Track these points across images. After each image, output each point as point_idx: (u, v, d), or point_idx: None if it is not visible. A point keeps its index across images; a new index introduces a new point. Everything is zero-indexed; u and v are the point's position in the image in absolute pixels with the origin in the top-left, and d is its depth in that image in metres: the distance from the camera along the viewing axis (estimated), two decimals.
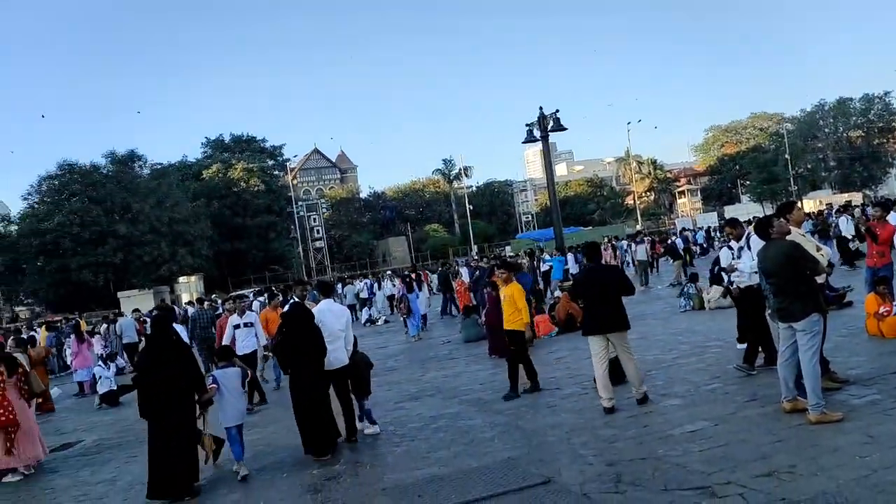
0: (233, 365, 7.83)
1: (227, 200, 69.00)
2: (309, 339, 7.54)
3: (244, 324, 11.73)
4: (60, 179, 59.42)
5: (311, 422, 7.45)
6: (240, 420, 7.40)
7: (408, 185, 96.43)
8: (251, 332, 11.72)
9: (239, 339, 11.52)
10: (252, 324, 11.81)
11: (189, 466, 6.79)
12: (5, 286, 66.83)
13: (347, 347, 8.11)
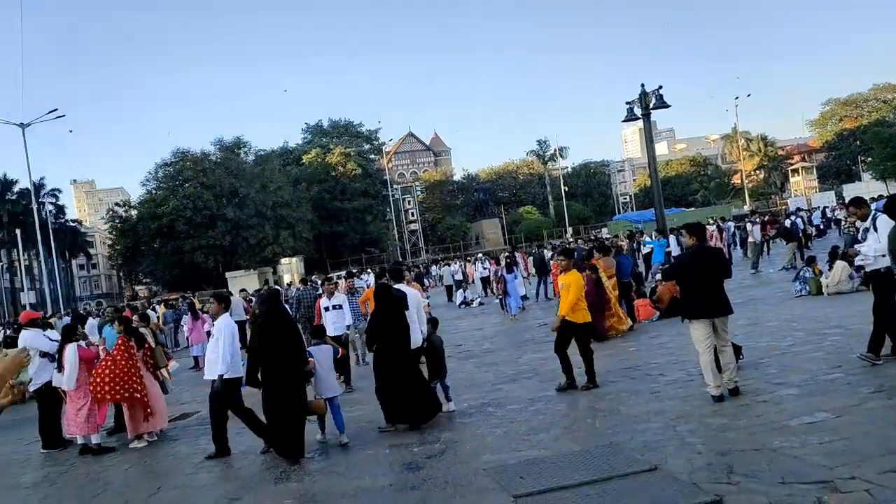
0: (324, 342, 8.37)
1: (325, 184, 70.95)
2: (394, 318, 7.96)
3: (333, 306, 11.73)
4: (175, 166, 62.77)
5: (400, 396, 7.84)
6: (335, 392, 7.93)
7: (501, 167, 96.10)
8: (340, 313, 11.77)
9: (328, 321, 11.59)
10: (341, 305, 11.81)
11: (300, 431, 7.35)
12: (127, 266, 71.49)
13: (421, 328, 8.50)
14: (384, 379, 7.95)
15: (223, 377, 7.63)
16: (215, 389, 7.76)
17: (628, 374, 9.36)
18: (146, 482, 7.31)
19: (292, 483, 6.60)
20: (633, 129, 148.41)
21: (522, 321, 17.91)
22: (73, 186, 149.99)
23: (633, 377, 9.06)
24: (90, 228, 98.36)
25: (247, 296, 24.21)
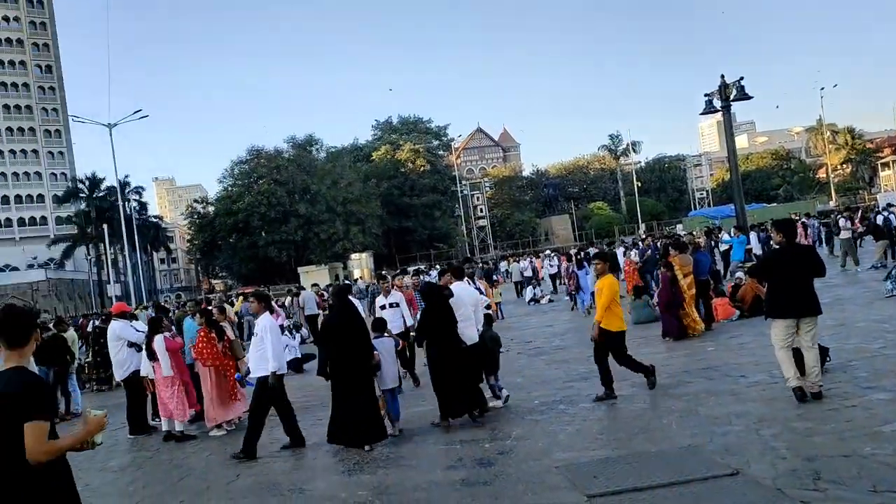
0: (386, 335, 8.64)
1: (395, 181, 71.67)
2: (443, 315, 8.15)
3: (389, 304, 11.29)
4: (250, 164, 64.58)
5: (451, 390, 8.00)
6: (395, 384, 8.24)
7: (571, 162, 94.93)
8: (397, 312, 11.34)
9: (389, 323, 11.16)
10: (398, 304, 11.38)
11: (367, 420, 7.51)
12: (204, 261, 74.01)
13: (478, 327, 8.65)
14: (436, 375, 8.14)
15: (276, 373, 7.81)
16: (270, 385, 7.87)
17: (706, 374, 9.09)
18: (226, 469, 7.54)
19: (365, 475, 6.69)
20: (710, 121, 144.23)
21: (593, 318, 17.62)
22: (154, 183, 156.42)
23: (712, 378, 8.80)
24: (170, 224, 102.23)
25: (318, 290, 24.74)
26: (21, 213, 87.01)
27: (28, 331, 3.41)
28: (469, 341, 8.33)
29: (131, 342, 10.40)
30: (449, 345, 8.07)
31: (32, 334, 3.45)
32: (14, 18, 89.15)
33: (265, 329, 7.96)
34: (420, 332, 8.53)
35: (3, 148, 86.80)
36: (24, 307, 3.60)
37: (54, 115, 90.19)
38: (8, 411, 3.10)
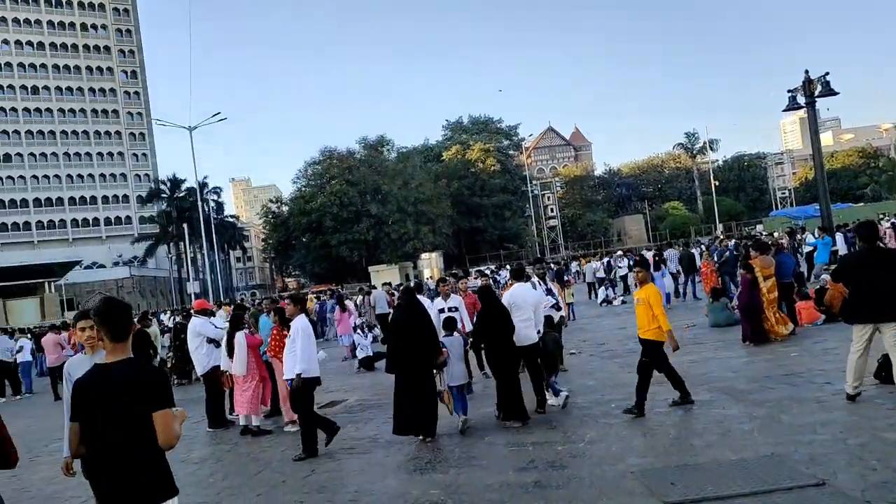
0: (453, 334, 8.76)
1: (465, 181, 71.81)
2: (498, 317, 8.33)
3: (448, 308, 10.79)
4: (322, 164, 65.89)
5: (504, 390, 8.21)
6: (462, 381, 8.43)
7: (645, 161, 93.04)
8: (456, 316, 10.71)
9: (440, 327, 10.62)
10: (456, 308, 10.91)
11: (430, 414, 7.87)
12: (279, 259, 75.93)
13: (538, 328, 8.80)
14: (495, 375, 8.40)
15: (300, 376, 7.88)
16: (293, 387, 8.00)
17: (789, 380, 8.74)
18: (301, 464, 7.69)
19: (437, 474, 6.71)
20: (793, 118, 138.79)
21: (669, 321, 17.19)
22: (231, 184, 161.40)
23: (795, 384, 8.45)
24: (246, 224, 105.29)
25: (389, 289, 25.02)
26: (107, 213, 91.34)
27: (130, 323, 3.51)
28: (527, 342, 8.50)
29: (210, 338, 10.72)
30: (504, 346, 8.25)
31: (132, 327, 3.55)
32: (102, 26, 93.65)
33: (297, 331, 8.08)
34: (476, 333, 8.71)
35: (91, 150, 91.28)
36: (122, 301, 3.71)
37: (139, 118, 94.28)
38: (140, 400, 3.21)
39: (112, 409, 3.21)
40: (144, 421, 3.21)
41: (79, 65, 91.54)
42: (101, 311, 3.43)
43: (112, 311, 3.43)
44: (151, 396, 3.24)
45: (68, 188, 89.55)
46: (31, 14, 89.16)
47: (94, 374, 3.37)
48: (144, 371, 3.36)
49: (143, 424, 3.21)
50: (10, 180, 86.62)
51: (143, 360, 3.45)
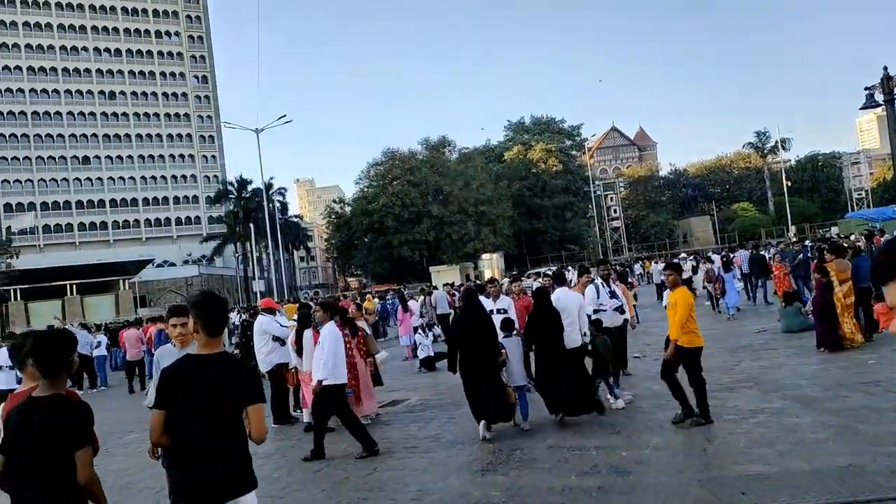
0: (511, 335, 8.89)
1: (526, 181, 71.43)
2: (549, 319, 8.48)
3: (497, 310, 10.67)
4: (385, 165, 66.54)
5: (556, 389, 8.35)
6: (522, 381, 8.56)
7: (713, 161, 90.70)
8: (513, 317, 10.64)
9: None
10: (506, 310, 10.80)
11: (501, 402, 8.08)
12: (341, 259, 77.05)
13: (583, 330, 8.95)
14: (540, 374, 8.53)
15: (322, 382, 7.92)
16: (318, 394, 8.03)
17: (866, 389, 8.37)
18: (363, 461, 7.78)
19: (499, 475, 6.68)
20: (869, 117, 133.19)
21: (738, 325, 16.74)
22: (295, 185, 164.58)
23: (873, 393, 8.09)
24: (309, 224, 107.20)
25: (450, 290, 25.10)
26: (178, 213, 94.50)
27: (226, 319, 3.56)
28: (573, 345, 8.65)
29: (276, 336, 10.93)
30: (552, 347, 8.40)
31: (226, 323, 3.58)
32: (175, 33, 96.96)
33: (325, 338, 8.15)
34: (526, 334, 8.77)
35: (163, 153, 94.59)
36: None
37: (208, 121, 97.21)
38: (234, 394, 3.29)
39: (202, 400, 3.25)
40: (234, 414, 3.27)
41: (153, 70, 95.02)
42: (200, 304, 3.46)
43: (210, 304, 3.47)
44: (246, 391, 3.30)
45: (142, 189, 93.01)
46: (108, 22, 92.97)
47: (185, 363, 3.41)
48: (239, 365, 3.43)
49: (233, 417, 3.27)
50: (88, 182, 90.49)
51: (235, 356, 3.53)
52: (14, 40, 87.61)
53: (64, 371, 3.37)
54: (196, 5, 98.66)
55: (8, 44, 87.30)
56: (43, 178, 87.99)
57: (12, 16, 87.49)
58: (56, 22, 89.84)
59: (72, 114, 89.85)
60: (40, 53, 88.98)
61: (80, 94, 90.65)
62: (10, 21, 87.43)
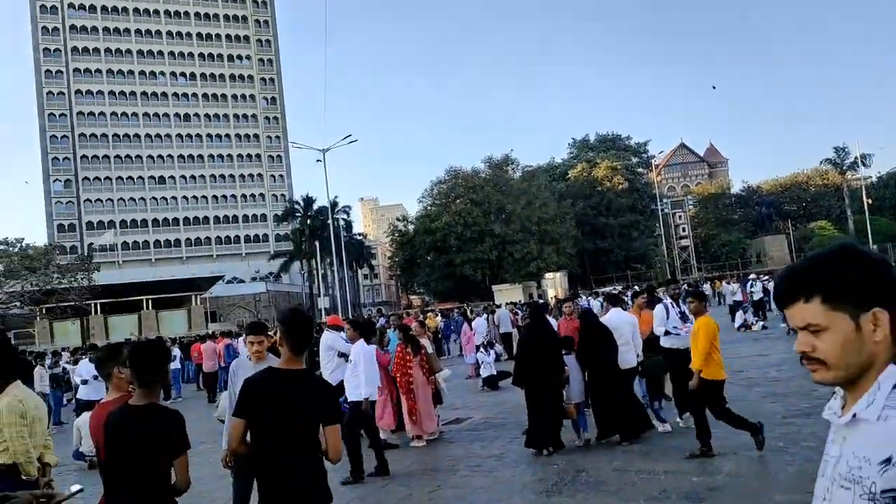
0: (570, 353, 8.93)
1: (591, 200, 70.58)
2: (602, 340, 8.62)
3: None
4: (448, 184, 66.87)
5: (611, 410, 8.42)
6: (581, 398, 8.70)
7: (788, 178, 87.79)
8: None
9: None
10: None
11: (555, 426, 8.22)
12: (404, 277, 77.60)
13: (637, 352, 9.00)
14: (594, 395, 8.66)
15: (369, 399, 7.95)
16: (360, 411, 7.99)
17: None
18: (427, 479, 7.75)
19: (564, 497, 6.55)
20: None
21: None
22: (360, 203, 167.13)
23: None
24: (373, 242, 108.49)
25: (513, 308, 24.97)
26: (247, 231, 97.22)
27: (311, 337, 3.60)
28: (627, 365, 8.74)
29: (341, 352, 11.03)
30: (601, 368, 8.52)
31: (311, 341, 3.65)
32: (246, 57, 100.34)
33: (359, 356, 8.16)
34: (578, 356, 8.79)
35: (234, 172, 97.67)
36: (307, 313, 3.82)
37: (276, 142, 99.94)
38: (313, 412, 3.32)
39: (277, 413, 3.27)
40: (308, 430, 3.29)
41: (225, 93, 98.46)
42: (288, 322, 3.48)
43: (298, 322, 3.49)
44: (325, 410, 3.33)
45: (213, 208, 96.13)
46: (183, 48, 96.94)
47: (268, 375, 3.44)
48: (319, 384, 3.46)
49: (307, 433, 3.29)
50: (163, 201, 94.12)
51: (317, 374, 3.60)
52: (97, 66, 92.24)
53: (159, 381, 3.48)
54: (266, 30, 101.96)
55: (91, 69, 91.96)
56: (122, 197, 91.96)
57: (95, 42, 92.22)
58: (135, 48, 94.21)
59: (149, 136, 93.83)
60: (120, 78, 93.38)
61: (157, 117, 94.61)
62: (94, 48, 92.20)
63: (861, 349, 1.40)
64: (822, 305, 1.42)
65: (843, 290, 1.41)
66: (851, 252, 1.45)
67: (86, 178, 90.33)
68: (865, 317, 1.39)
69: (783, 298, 1.51)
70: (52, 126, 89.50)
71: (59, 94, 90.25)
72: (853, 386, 1.44)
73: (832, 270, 1.43)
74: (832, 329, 1.41)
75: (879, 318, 1.38)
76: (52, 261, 50.20)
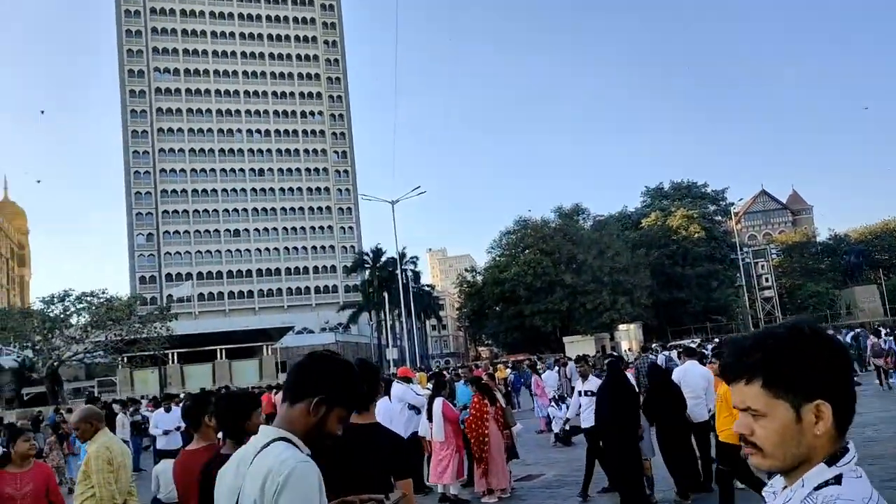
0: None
1: (666, 249, 68.69)
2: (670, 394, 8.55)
3: (585, 392, 9.90)
4: (517, 234, 66.49)
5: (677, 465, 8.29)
6: (652, 454, 8.54)
7: (879, 226, 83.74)
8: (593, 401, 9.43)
9: (582, 410, 9.90)
10: (594, 392, 9.50)
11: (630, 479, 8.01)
12: (472, 328, 77.01)
13: (709, 406, 8.61)
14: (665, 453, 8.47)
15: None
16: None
17: None
18: None
19: None
20: None
21: None
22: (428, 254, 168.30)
23: None
24: (441, 292, 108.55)
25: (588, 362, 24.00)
26: (317, 282, 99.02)
27: (378, 388, 3.56)
28: (697, 419, 8.68)
29: (412, 404, 10.67)
30: (668, 422, 8.39)
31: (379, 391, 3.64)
32: (318, 112, 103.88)
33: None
34: (646, 410, 8.63)
35: (305, 225, 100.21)
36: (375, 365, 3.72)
37: (346, 194, 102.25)
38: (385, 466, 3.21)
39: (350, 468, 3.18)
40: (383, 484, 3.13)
41: (297, 148, 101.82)
42: None
43: (364, 373, 3.35)
44: (397, 464, 3.24)
45: (285, 259, 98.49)
46: (259, 106, 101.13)
47: None
48: (391, 437, 3.37)
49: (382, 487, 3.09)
50: (237, 253, 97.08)
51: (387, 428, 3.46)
52: (179, 125, 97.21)
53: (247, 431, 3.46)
54: (338, 86, 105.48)
55: (173, 128, 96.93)
56: (199, 249, 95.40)
57: (177, 103, 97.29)
58: (214, 108, 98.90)
59: (226, 190, 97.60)
60: (200, 136, 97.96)
61: (234, 172, 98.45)
62: (176, 108, 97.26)
63: (800, 441, 1.32)
64: (762, 390, 1.33)
65: (786, 377, 1.31)
66: (801, 334, 1.34)
67: (166, 232, 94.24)
68: (808, 407, 1.30)
69: (727, 374, 1.40)
70: (137, 183, 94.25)
71: (144, 153, 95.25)
72: (791, 475, 1.36)
73: (777, 353, 1.33)
74: (771, 416, 1.32)
75: (822, 412, 1.30)
76: (134, 312, 51.92)
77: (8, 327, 46.18)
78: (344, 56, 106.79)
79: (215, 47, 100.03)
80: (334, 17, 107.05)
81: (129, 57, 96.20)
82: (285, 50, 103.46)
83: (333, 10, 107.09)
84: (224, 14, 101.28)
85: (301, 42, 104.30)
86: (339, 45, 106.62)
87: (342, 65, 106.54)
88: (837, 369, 1.32)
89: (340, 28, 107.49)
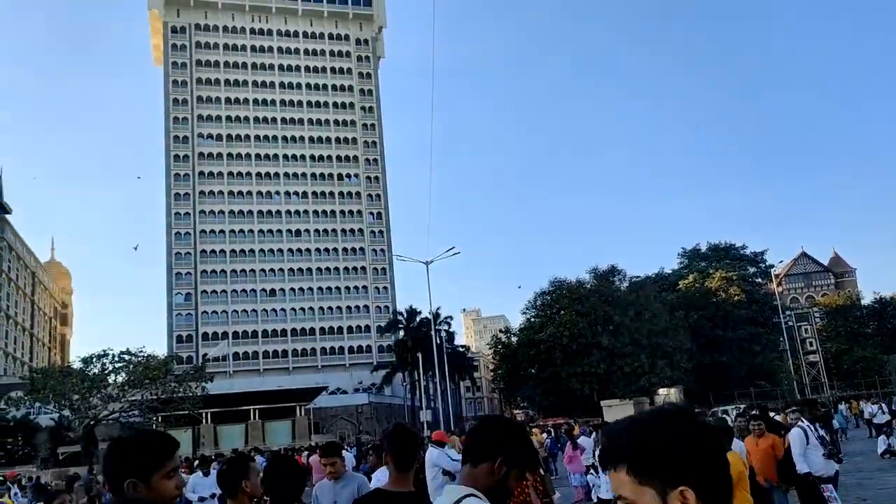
0: None
1: (705, 311, 67.25)
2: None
3: None
4: (552, 295, 65.78)
5: None
6: None
7: None
8: None
9: None
10: None
11: None
12: (507, 390, 75.70)
13: None
14: None
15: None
16: None
17: None
18: None
19: None
20: None
21: None
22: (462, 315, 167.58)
23: None
24: (475, 353, 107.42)
25: None
26: (351, 342, 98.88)
27: (417, 454, 3.43)
28: None
29: (446, 470, 10.27)
30: None
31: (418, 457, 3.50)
32: (354, 175, 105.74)
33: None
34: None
35: (340, 285, 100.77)
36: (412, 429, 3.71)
37: (381, 255, 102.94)
38: None
39: None
40: None
41: (334, 209, 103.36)
42: (391, 437, 3.41)
43: (402, 438, 3.39)
44: None
45: (319, 319, 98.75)
46: (297, 169, 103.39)
47: (374, 497, 3.37)
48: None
49: None
50: (273, 312, 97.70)
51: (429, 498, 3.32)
52: (220, 188, 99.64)
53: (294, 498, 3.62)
54: (374, 149, 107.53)
55: (214, 191, 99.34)
56: (236, 309, 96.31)
57: (219, 167, 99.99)
58: (254, 171, 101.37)
59: (263, 251, 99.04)
60: (240, 198, 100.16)
61: (271, 233, 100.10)
62: (217, 171, 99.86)
63: None
64: (628, 476, 1.30)
65: (651, 463, 1.28)
66: (666, 419, 1.31)
67: (204, 292, 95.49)
68: (674, 494, 1.26)
69: (602, 461, 1.37)
70: (178, 244, 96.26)
71: (186, 215, 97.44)
72: None
73: (640, 438, 1.30)
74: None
75: (687, 498, 1.26)
76: (170, 370, 52.16)
77: (48, 386, 46.64)
78: (380, 120, 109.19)
79: (256, 113, 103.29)
80: (371, 84, 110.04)
81: (174, 124, 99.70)
82: (323, 116, 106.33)
83: (370, 78, 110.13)
84: (265, 83, 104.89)
85: (339, 108, 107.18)
86: (374, 111, 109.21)
87: (378, 129, 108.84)
88: (703, 453, 1.27)
89: (377, 94, 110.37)
